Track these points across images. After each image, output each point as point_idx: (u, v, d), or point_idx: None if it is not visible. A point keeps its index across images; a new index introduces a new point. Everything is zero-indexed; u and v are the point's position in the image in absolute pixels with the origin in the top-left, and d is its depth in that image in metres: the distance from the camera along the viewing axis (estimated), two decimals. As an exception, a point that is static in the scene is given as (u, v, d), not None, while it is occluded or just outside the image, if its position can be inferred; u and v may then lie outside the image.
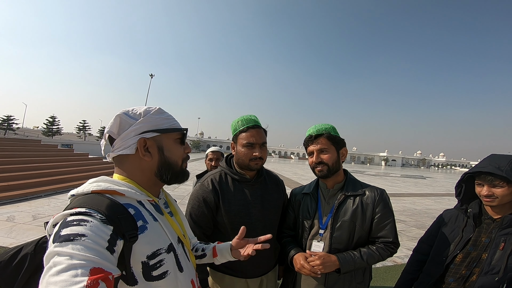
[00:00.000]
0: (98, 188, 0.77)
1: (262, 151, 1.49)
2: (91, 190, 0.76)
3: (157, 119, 0.89)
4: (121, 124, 0.86)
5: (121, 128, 0.86)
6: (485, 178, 1.27)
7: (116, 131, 0.85)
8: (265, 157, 1.51)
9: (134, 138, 0.85)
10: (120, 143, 0.85)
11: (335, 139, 1.47)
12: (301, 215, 1.56)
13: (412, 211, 9.24)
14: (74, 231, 0.62)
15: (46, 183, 8.81)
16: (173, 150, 0.92)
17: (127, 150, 0.84)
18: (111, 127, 0.86)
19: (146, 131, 0.86)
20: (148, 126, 0.87)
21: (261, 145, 1.49)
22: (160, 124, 0.89)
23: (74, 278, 0.55)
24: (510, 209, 1.29)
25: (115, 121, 0.86)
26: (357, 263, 1.35)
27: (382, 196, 1.44)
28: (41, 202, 7.12)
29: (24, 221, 5.28)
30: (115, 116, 0.86)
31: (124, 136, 0.85)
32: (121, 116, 0.86)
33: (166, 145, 0.90)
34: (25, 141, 15.40)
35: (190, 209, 1.49)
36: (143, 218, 0.79)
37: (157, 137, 0.88)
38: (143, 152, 0.86)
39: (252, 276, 1.52)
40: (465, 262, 1.32)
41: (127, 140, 0.85)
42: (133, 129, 0.85)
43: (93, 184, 0.78)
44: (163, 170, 0.89)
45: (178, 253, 0.86)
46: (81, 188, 0.78)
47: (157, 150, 0.88)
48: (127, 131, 0.85)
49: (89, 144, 31.12)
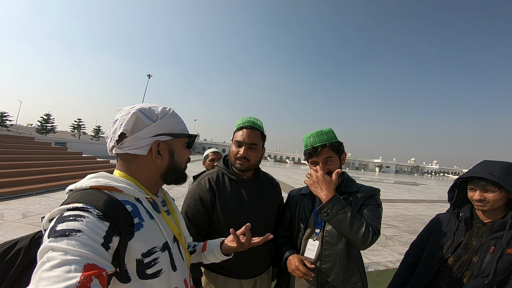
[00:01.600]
0: (97, 183, 0.76)
1: (249, 152, 1.48)
2: (89, 185, 0.76)
3: (172, 123, 0.89)
4: (137, 123, 0.84)
5: (136, 127, 0.83)
6: (477, 183, 1.30)
7: (130, 129, 0.83)
8: (252, 159, 1.49)
9: (149, 140, 0.84)
10: (133, 142, 0.83)
11: (337, 147, 1.46)
12: (297, 215, 1.56)
13: (404, 217, 9.32)
14: (70, 226, 0.61)
15: (38, 181, 8.69)
16: (181, 154, 0.93)
17: (139, 150, 0.83)
18: (126, 124, 0.82)
19: (160, 134, 0.86)
20: (163, 129, 0.87)
21: (250, 146, 1.48)
22: (174, 128, 0.90)
23: (67, 273, 0.55)
24: (500, 214, 1.32)
25: (131, 118, 0.83)
26: (344, 208, 1.29)
27: (374, 192, 1.47)
28: (32, 200, 7.02)
29: (13, 219, 5.22)
30: (130, 113, 0.83)
31: (138, 136, 0.83)
32: (138, 115, 0.84)
33: (177, 149, 0.91)
34: (18, 138, 15.16)
35: (186, 207, 1.49)
36: (139, 216, 0.78)
37: (170, 140, 0.89)
38: (156, 154, 0.86)
39: (246, 277, 1.51)
40: (456, 266, 1.34)
41: (140, 140, 0.83)
42: (149, 130, 0.84)
43: (91, 179, 0.78)
44: (170, 172, 0.90)
45: (173, 252, 0.86)
46: (80, 183, 0.77)
47: (168, 154, 0.89)
48: (142, 131, 0.83)
49: (83, 143, 30.69)
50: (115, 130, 0.84)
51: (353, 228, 1.27)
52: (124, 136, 0.83)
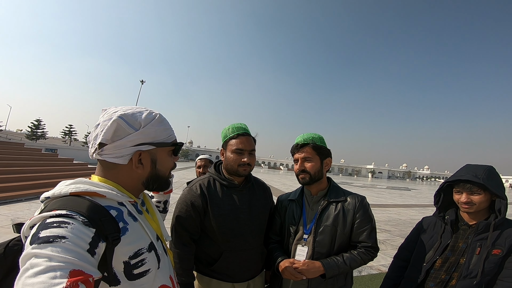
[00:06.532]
0: (77, 190, 0.74)
1: (251, 158, 1.53)
2: (69, 192, 0.73)
3: (157, 131, 0.86)
4: (117, 131, 0.80)
5: (116, 135, 0.80)
6: (464, 186, 1.34)
7: (110, 137, 0.79)
8: (253, 164, 1.55)
9: (130, 149, 0.81)
10: (113, 150, 0.80)
11: (320, 149, 1.52)
12: (287, 220, 1.59)
13: (397, 221, 9.40)
14: (54, 233, 0.60)
15: (28, 187, 8.54)
16: (165, 163, 0.91)
17: (119, 159, 0.81)
18: (106, 133, 0.79)
19: (142, 143, 0.83)
20: (146, 138, 0.83)
21: (250, 152, 1.53)
22: (158, 136, 0.86)
23: (52, 280, 0.53)
24: (484, 216, 1.36)
25: (111, 126, 0.79)
26: (340, 268, 1.38)
27: (362, 203, 1.50)
28: (21, 206, 6.91)
29: (2, 225, 5.17)
30: (111, 120, 0.79)
31: (119, 145, 0.80)
32: (119, 122, 0.79)
33: (160, 158, 0.89)
34: (8, 144, 14.89)
35: (177, 212, 1.50)
36: (123, 220, 0.77)
37: (153, 150, 0.86)
38: (137, 164, 0.84)
39: (239, 281, 1.52)
40: (444, 267, 1.37)
41: (121, 149, 0.80)
42: (131, 139, 0.81)
43: (70, 186, 0.75)
44: (151, 181, 0.89)
45: (159, 252, 0.86)
46: (57, 190, 0.74)
47: (150, 163, 0.87)
48: (123, 140, 0.80)
49: (74, 149, 30.20)
50: (96, 136, 0.81)
51: (356, 267, 1.45)
52: (104, 144, 0.80)
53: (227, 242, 1.49)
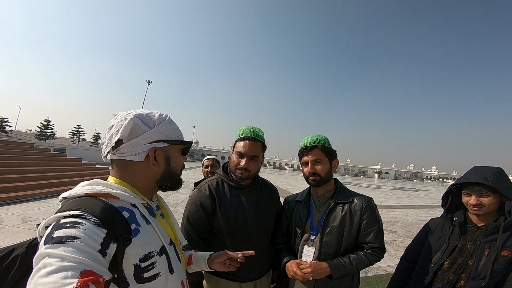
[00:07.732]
0: (92, 191, 0.76)
1: (250, 163, 1.52)
2: (84, 193, 0.75)
3: (169, 129, 0.90)
4: (134, 129, 0.84)
5: (133, 133, 0.84)
6: (473, 189, 1.34)
7: (127, 135, 0.83)
8: (252, 170, 1.54)
9: (146, 146, 0.85)
10: (129, 148, 0.83)
11: (329, 151, 1.53)
12: (294, 221, 1.61)
13: (404, 222, 9.33)
14: (67, 233, 0.61)
15: (37, 186, 8.70)
16: (177, 160, 0.94)
17: (136, 157, 0.84)
18: (124, 130, 0.82)
19: (157, 141, 0.87)
20: (160, 136, 0.87)
21: (251, 158, 1.53)
22: (170, 135, 0.90)
23: (63, 280, 0.54)
24: (493, 217, 1.35)
25: (128, 124, 0.83)
26: (347, 269, 1.39)
27: (369, 204, 1.51)
28: (31, 205, 7.02)
29: (13, 224, 5.22)
30: (127, 120, 0.83)
31: (135, 143, 0.83)
32: (135, 121, 0.84)
33: (173, 155, 0.92)
34: (18, 144, 15.20)
35: (187, 213, 1.53)
36: (136, 222, 0.79)
37: (166, 147, 0.90)
38: (153, 161, 0.86)
39: (246, 280, 1.54)
40: (452, 269, 1.36)
41: (137, 146, 0.84)
42: (146, 136, 0.85)
43: (86, 187, 0.78)
44: (166, 179, 0.91)
45: (170, 255, 0.86)
46: (74, 190, 0.77)
47: (165, 160, 0.90)
48: (139, 137, 0.84)
49: (82, 149, 30.61)
50: (111, 136, 0.84)
51: (362, 268, 1.46)
52: (120, 142, 0.83)
53: (235, 242, 1.51)
